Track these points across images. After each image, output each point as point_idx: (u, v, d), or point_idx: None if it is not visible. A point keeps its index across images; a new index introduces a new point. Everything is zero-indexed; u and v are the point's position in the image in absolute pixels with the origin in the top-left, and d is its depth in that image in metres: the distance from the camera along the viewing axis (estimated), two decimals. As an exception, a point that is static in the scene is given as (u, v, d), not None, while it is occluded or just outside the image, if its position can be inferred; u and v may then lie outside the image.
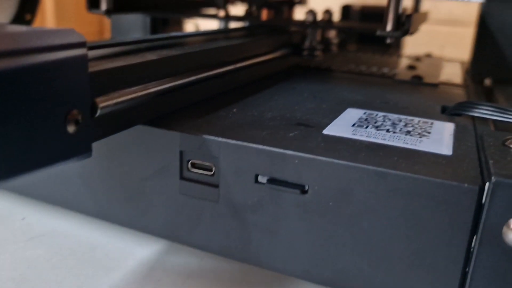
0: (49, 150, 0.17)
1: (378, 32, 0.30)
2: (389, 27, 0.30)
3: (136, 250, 0.25)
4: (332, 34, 0.49)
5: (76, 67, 0.17)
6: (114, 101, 0.20)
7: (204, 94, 0.28)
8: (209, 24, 0.68)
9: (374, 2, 0.61)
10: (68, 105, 0.17)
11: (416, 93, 0.34)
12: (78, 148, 0.18)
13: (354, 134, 0.23)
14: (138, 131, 0.23)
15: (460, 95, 0.35)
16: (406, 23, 0.28)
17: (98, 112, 0.19)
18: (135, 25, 0.54)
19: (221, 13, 0.44)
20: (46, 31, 0.17)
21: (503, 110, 0.26)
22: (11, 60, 0.15)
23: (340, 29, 0.42)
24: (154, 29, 0.54)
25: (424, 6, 0.60)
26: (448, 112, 0.28)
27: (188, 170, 0.23)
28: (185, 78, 0.25)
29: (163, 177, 0.23)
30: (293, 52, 0.41)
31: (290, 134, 0.22)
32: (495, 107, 0.26)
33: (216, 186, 0.22)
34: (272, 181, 0.21)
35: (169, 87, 0.24)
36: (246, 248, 0.22)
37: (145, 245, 0.26)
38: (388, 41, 0.30)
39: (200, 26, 0.67)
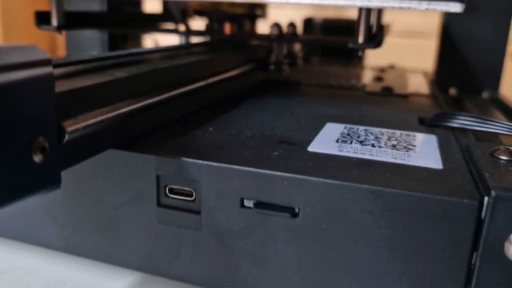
0: (12, 184, 0.15)
1: (351, 45, 0.30)
2: (361, 39, 0.29)
3: (110, 284, 0.23)
4: (297, 47, 0.48)
5: (41, 88, 0.15)
6: (83, 124, 0.18)
7: (176, 113, 0.26)
8: (169, 39, 0.66)
9: (334, 15, 0.62)
10: (33, 131, 0.15)
11: (388, 104, 0.34)
12: (46, 179, 0.16)
13: (341, 150, 0.22)
14: (109, 155, 0.21)
15: (431, 105, 0.35)
16: (379, 35, 0.28)
17: (66, 137, 0.17)
18: (92, 41, 0.51)
19: (181, 27, 0.42)
20: (4, 47, 0.15)
21: (482, 119, 0.26)
22: None
23: (308, 43, 0.41)
24: (113, 45, 0.52)
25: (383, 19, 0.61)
26: (426, 124, 0.28)
27: (166, 196, 0.21)
28: (156, 96, 0.24)
29: (138, 204, 0.21)
30: (259, 67, 0.40)
31: (275, 153, 0.21)
32: (474, 117, 0.26)
33: (197, 212, 0.20)
34: (259, 204, 0.19)
35: (141, 106, 0.22)
36: (233, 277, 0.20)
37: (119, 278, 0.24)
38: (360, 53, 0.30)
39: (159, 41, 0.65)
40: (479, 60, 0.41)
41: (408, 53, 0.76)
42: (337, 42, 0.39)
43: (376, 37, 0.30)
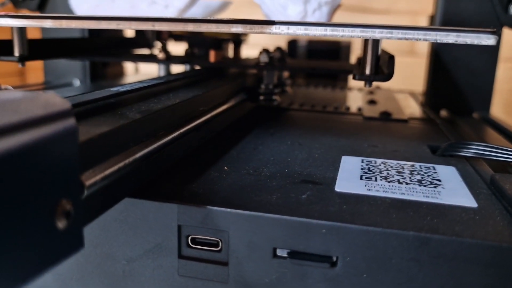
0: (34, 257, 0.13)
1: (357, 78, 0.29)
2: (367, 71, 0.29)
3: None
4: (285, 73, 0.47)
5: (63, 144, 0.14)
6: (102, 175, 0.17)
7: (184, 151, 0.25)
8: (149, 66, 0.64)
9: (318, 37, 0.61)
10: (56, 194, 0.13)
11: (391, 131, 0.33)
12: (70, 245, 0.14)
13: (369, 189, 0.21)
14: (122, 204, 0.19)
15: (433, 131, 0.34)
16: (390, 67, 0.27)
17: (85, 193, 0.15)
18: (73, 67, 0.49)
19: (161, 55, 0.40)
20: (19, 98, 0.13)
21: (496, 149, 0.26)
22: None
23: (304, 70, 0.40)
24: (94, 71, 0.50)
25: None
26: (440, 153, 0.27)
27: (188, 246, 0.19)
28: (167, 135, 0.22)
29: (156, 257, 0.19)
30: (249, 98, 0.39)
31: (303, 196, 0.20)
32: (488, 147, 0.26)
33: (224, 263, 0.19)
34: (294, 254, 0.18)
35: (155, 148, 0.21)
36: (265, 334, 0.19)
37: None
38: (368, 86, 0.29)
39: (140, 67, 0.63)
40: (470, 82, 0.42)
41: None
42: (338, 70, 0.39)
43: (386, 68, 0.29)
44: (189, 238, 0.19)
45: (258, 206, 0.18)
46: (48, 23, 0.23)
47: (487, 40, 0.23)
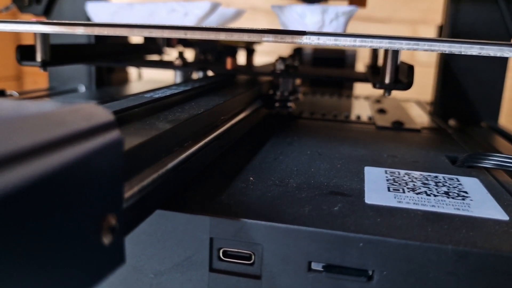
0: (80, 277, 0.12)
1: (377, 86, 0.29)
2: (387, 79, 0.29)
3: None
4: (297, 80, 0.47)
5: (109, 156, 0.13)
6: (138, 187, 0.16)
7: (207, 160, 0.25)
8: (152, 72, 0.64)
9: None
10: (102, 209, 0.13)
11: (407, 141, 0.33)
12: (113, 260, 0.14)
13: (400, 202, 0.21)
14: (153, 217, 0.19)
15: (447, 141, 0.34)
16: (410, 76, 0.27)
17: (124, 206, 0.15)
18: (78, 73, 0.48)
19: (177, 61, 0.40)
20: (63, 111, 0.13)
21: (518, 160, 0.26)
22: (22, 167, 0.10)
23: (318, 78, 0.40)
24: (99, 77, 0.49)
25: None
26: (460, 164, 0.27)
27: (220, 260, 0.19)
28: (195, 145, 0.22)
29: (185, 270, 0.19)
30: (264, 105, 0.39)
31: (335, 208, 0.19)
32: (509, 158, 0.26)
33: (257, 277, 0.19)
34: (329, 268, 0.18)
35: (184, 158, 0.20)
36: None
37: None
38: (387, 94, 0.29)
39: (142, 71, 0.63)
40: (479, 92, 0.42)
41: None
42: (353, 78, 0.39)
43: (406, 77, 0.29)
44: (221, 251, 0.19)
45: (293, 219, 0.18)
46: (80, 30, 0.23)
47: (509, 52, 0.24)
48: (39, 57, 0.33)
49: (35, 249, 0.10)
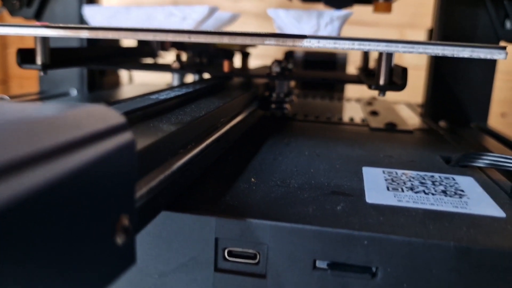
0: (94, 277, 0.12)
1: (373, 87, 0.29)
2: (382, 81, 0.29)
3: None
4: (292, 83, 0.48)
5: (123, 158, 0.13)
6: (147, 188, 0.16)
7: (208, 162, 0.25)
8: (143, 74, 0.63)
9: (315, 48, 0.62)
10: (116, 209, 0.13)
11: (400, 141, 0.34)
12: (125, 260, 0.14)
13: (400, 200, 0.21)
14: (160, 218, 0.19)
15: (440, 141, 0.35)
16: (403, 78, 0.28)
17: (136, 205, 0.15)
18: (69, 76, 0.48)
19: (175, 64, 0.40)
20: (77, 113, 0.13)
21: (509, 159, 0.26)
22: (41, 168, 0.10)
23: (313, 80, 0.40)
24: (91, 80, 0.49)
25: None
26: (454, 164, 0.28)
27: (225, 259, 0.19)
28: (197, 146, 0.22)
29: (190, 270, 0.19)
30: (260, 106, 0.39)
31: (338, 208, 0.20)
32: (502, 157, 0.26)
33: (262, 276, 0.19)
34: (334, 266, 0.18)
35: (188, 159, 0.20)
36: None
37: None
38: (381, 95, 0.29)
39: (133, 75, 0.63)
40: (469, 93, 0.43)
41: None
42: (347, 80, 0.39)
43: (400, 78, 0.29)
44: (226, 251, 0.19)
45: (298, 219, 0.18)
46: (84, 34, 0.23)
47: (499, 55, 0.24)
48: (39, 60, 0.33)
49: (54, 250, 0.11)
